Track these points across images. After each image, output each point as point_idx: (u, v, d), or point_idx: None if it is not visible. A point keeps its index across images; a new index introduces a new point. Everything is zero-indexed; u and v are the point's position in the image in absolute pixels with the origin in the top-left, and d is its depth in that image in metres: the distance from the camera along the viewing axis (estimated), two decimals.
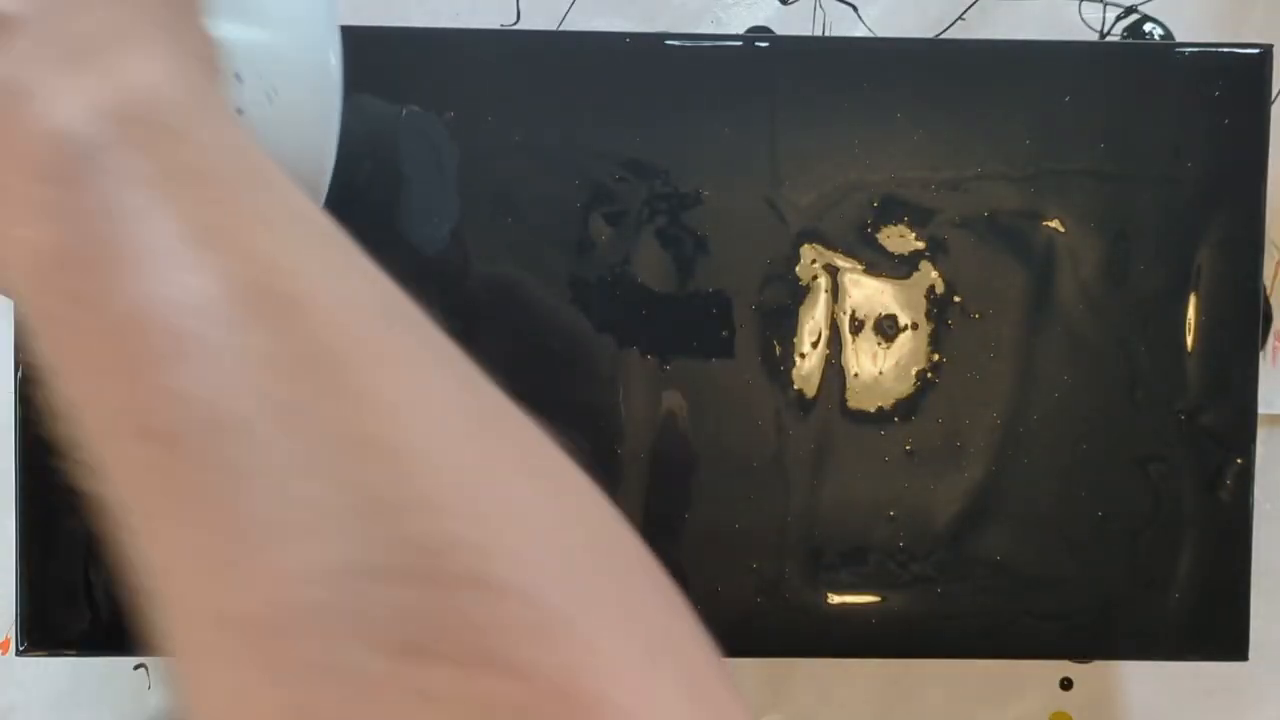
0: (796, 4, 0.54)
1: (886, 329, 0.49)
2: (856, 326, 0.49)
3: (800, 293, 0.48)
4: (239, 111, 0.31)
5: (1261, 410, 0.49)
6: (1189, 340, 0.49)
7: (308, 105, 0.34)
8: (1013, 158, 0.48)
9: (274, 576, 0.20)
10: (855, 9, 0.54)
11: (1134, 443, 0.49)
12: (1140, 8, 0.55)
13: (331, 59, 0.34)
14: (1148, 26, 0.55)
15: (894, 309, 0.49)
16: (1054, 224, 0.48)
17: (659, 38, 0.49)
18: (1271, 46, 0.49)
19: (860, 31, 0.54)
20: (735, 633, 0.48)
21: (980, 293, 0.49)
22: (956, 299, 0.49)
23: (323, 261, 0.25)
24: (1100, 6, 0.55)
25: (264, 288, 0.23)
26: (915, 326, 0.49)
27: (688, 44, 0.48)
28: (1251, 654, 0.49)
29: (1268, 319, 0.55)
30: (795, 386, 0.48)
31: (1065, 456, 0.49)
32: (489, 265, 0.48)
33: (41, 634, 0.48)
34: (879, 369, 0.49)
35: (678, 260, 0.48)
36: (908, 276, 0.49)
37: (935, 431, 0.48)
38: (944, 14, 0.54)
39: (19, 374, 0.48)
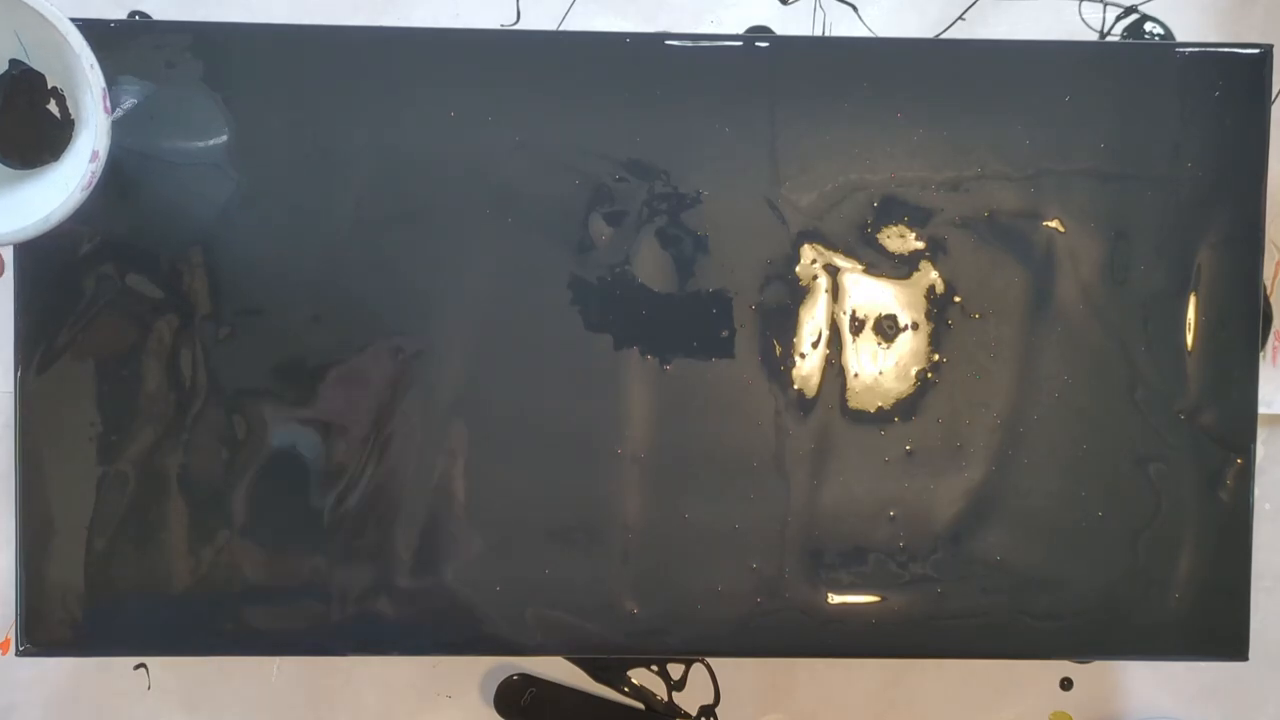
0: (796, 4, 0.54)
1: (886, 329, 0.49)
2: (856, 326, 0.49)
3: (800, 293, 0.48)
4: None
5: (1261, 410, 0.49)
6: (1189, 340, 0.49)
7: None
8: (1013, 158, 0.48)
9: None
10: (855, 9, 0.54)
11: (1134, 443, 0.49)
12: (1140, 8, 0.55)
13: None
14: (1148, 26, 0.55)
15: (894, 309, 0.49)
16: (1054, 224, 0.49)
17: (659, 38, 0.49)
18: (1271, 46, 0.49)
19: (860, 31, 0.54)
20: (735, 633, 0.48)
21: (980, 293, 0.49)
22: (956, 299, 0.49)
23: None
24: (1100, 6, 0.55)
25: None
26: (915, 326, 0.49)
27: (688, 44, 0.48)
28: (1251, 654, 0.49)
29: (1268, 319, 0.55)
30: (795, 386, 0.48)
31: (1065, 456, 0.49)
32: (489, 268, 0.48)
33: (41, 634, 0.48)
34: (879, 369, 0.49)
35: (678, 260, 0.48)
36: (908, 276, 0.49)
37: (935, 431, 0.49)
38: (944, 14, 0.54)
39: (19, 374, 0.48)
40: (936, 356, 0.49)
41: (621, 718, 0.55)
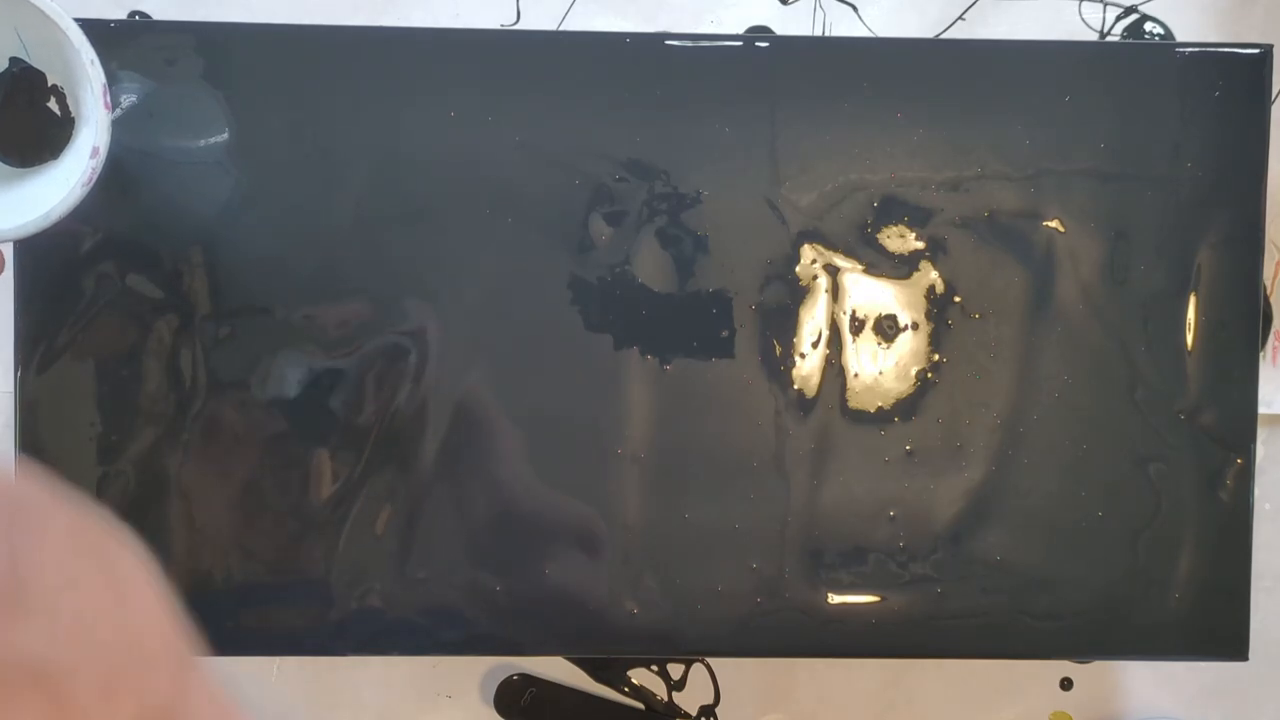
0: (796, 4, 0.54)
1: (886, 329, 0.49)
2: (856, 326, 0.49)
3: (800, 293, 0.48)
4: None
5: (1261, 410, 0.49)
6: (1189, 340, 0.49)
7: None
8: (1013, 158, 0.48)
9: None
10: (855, 9, 0.54)
11: (1134, 443, 0.49)
12: (1140, 8, 0.55)
13: None
14: (1148, 26, 0.55)
15: (894, 309, 0.49)
16: (1054, 224, 0.48)
17: (659, 38, 0.49)
18: (1271, 46, 0.49)
19: (860, 31, 0.54)
20: (735, 633, 0.48)
21: (980, 293, 0.49)
22: (956, 299, 0.49)
23: None
24: (1100, 6, 0.55)
25: None
26: (915, 326, 0.49)
27: (688, 44, 0.48)
28: (1251, 654, 0.49)
29: (1268, 319, 0.55)
30: (795, 386, 0.48)
31: (1065, 456, 0.49)
32: (489, 268, 0.48)
33: None
34: (879, 369, 0.49)
35: (678, 260, 0.48)
36: (908, 276, 0.49)
37: (935, 431, 0.48)
38: (944, 14, 0.54)
39: (19, 374, 0.48)
40: (936, 356, 0.49)
41: (621, 718, 0.55)
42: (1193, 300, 0.49)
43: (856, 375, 0.49)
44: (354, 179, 0.48)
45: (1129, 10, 0.55)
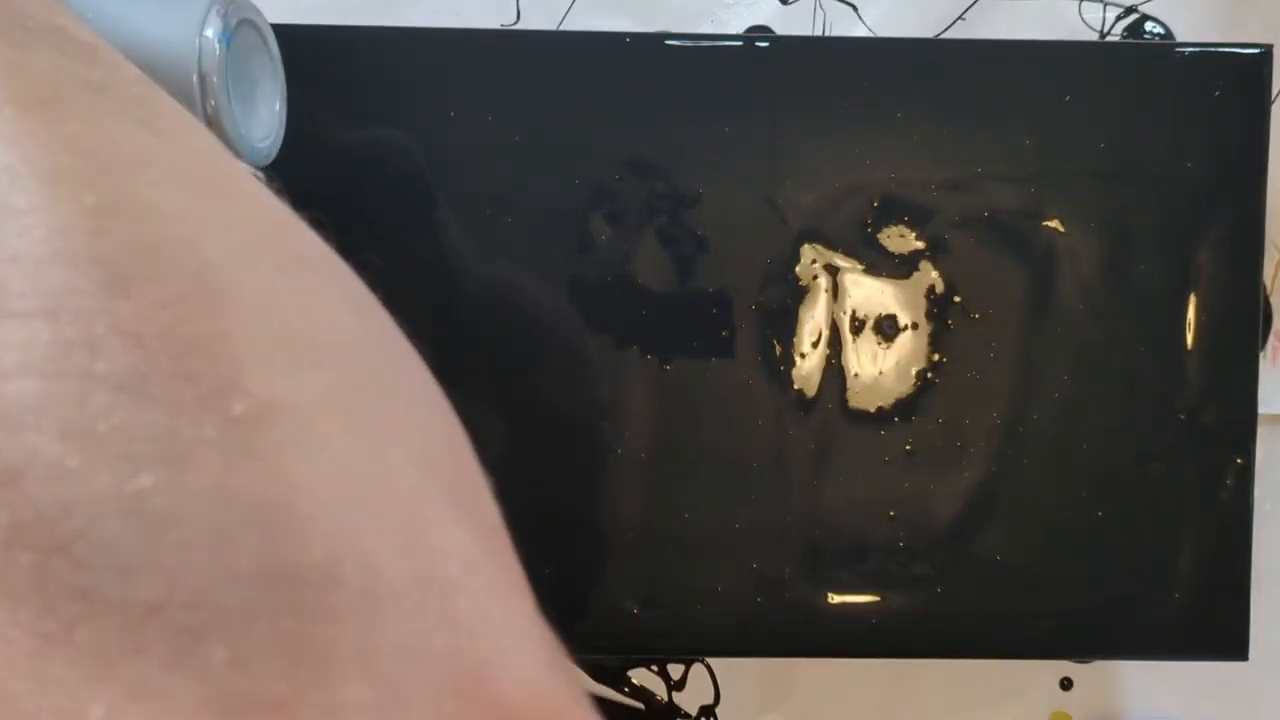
0: (796, 4, 0.54)
1: (886, 329, 0.49)
2: (856, 326, 0.49)
3: (800, 293, 0.48)
4: None
5: (1261, 410, 0.49)
6: (1189, 340, 0.49)
7: None
8: (1013, 158, 0.48)
9: None
10: (855, 9, 0.54)
11: (1134, 443, 0.49)
12: (1140, 8, 0.55)
13: None
14: (1148, 26, 0.55)
15: (894, 309, 0.49)
16: (1054, 224, 0.49)
17: (659, 38, 0.49)
18: (1271, 46, 0.49)
19: (860, 31, 0.54)
20: (735, 633, 0.48)
21: (980, 293, 0.49)
22: (956, 299, 0.49)
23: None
24: (1100, 6, 0.55)
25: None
26: (915, 326, 0.49)
27: (688, 44, 0.48)
28: (1251, 654, 0.49)
29: (1268, 319, 0.55)
30: (795, 386, 0.48)
31: (1065, 456, 0.49)
32: (488, 266, 0.48)
33: None
34: (879, 369, 0.49)
35: (678, 260, 0.48)
36: (908, 276, 0.49)
37: (935, 431, 0.48)
38: (944, 14, 0.54)
39: None
40: (936, 356, 0.49)
41: (621, 718, 0.55)
42: (1193, 300, 0.49)
43: (856, 375, 0.49)
44: (352, 179, 0.48)
45: (1129, 10, 0.55)
